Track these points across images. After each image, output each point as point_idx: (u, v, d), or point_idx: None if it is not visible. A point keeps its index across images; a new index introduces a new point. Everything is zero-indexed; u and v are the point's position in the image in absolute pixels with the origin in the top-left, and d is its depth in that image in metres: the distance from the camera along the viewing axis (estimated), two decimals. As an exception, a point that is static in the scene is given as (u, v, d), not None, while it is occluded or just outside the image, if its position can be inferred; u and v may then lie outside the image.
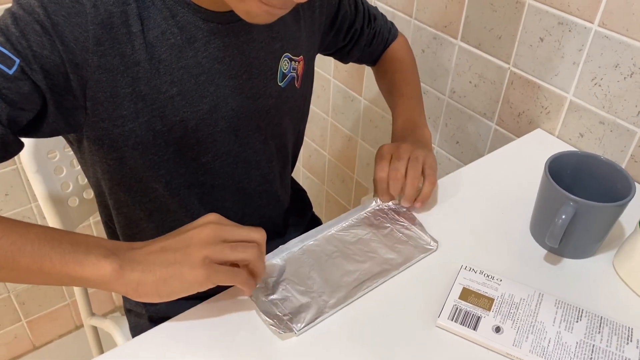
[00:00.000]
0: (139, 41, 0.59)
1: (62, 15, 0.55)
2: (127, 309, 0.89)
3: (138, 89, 0.61)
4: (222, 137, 0.69)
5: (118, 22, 0.58)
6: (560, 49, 0.84)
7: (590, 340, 0.57)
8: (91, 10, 0.56)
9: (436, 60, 1.06)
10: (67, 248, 0.53)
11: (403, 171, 0.72)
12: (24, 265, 0.52)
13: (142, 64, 0.60)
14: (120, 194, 0.71)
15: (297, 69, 0.75)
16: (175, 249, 0.54)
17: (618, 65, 0.78)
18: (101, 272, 0.53)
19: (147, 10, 0.59)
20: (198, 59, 0.63)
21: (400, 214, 0.72)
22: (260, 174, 0.77)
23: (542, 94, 0.90)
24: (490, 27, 0.93)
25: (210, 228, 0.55)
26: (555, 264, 0.68)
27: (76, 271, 0.53)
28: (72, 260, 0.52)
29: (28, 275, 0.53)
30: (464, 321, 0.59)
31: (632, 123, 0.79)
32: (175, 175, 0.69)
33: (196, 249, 0.54)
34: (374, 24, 0.89)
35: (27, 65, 0.54)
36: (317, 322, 0.59)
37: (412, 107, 0.86)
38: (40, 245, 0.52)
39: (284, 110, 0.76)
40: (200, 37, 0.63)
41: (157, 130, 0.64)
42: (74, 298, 1.48)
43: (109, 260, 0.53)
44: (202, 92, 0.65)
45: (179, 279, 0.53)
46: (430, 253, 0.67)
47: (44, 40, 0.55)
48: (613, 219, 0.65)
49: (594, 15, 0.78)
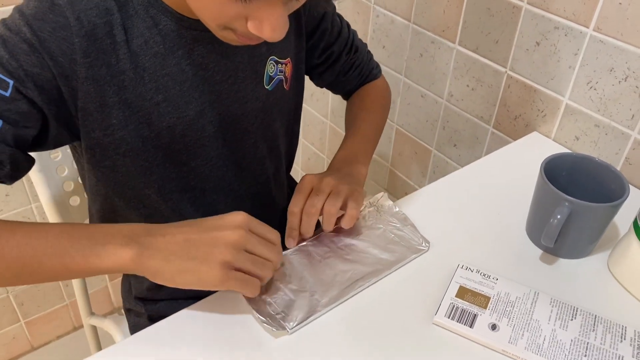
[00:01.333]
0: (123, 50, 0.60)
1: (47, 31, 0.56)
2: (126, 309, 0.89)
3: (125, 97, 0.62)
4: (210, 141, 0.70)
5: (102, 33, 0.59)
6: (556, 53, 0.85)
7: (584, 338, 0.58)
8: (75, 23, 0.57)
9: (434, 63, 1.07)
10: (85, 244, 0.54)
11: (319, 207, 0.67)
12: (50, 267, 0.54)
13: (127, 73, 0.61)
14: (114, 200, 0.72)
15: (285, 71, 0.76)
16: (199, 245, 0.55)
17: (613, 69, 0.79)
18: (120, 262, 0.54)
19: (131, 20, 0.60)
20: (181, 67, 0.64)
21: (392, 214, 0.73)
22: (252, 175, 0.78)
23: (538, 97, 0.91)
24: (488, 31, 0.94)
25: (238, 235, 0.56)
26: (551, 264, 0.69)
27: (97, 264, 0.54)
28: (91, 254, 0.54)
29: (55, 275, 0.55)
30: (460, 319, 0.60)
31: (627, 126, 0.81)
32: (167, 180, 0.70)
33: (219, 253, 0.55)
34: (354, 56, 0.87)
35: (21, 84, 0.56)
36: (309, 321, 0.60)
37: (360, 144, 0.82)
38: (61, 245, 0.54)
39: (274, 113, 0.77)
40: (183, 45, 0.63)
41: (145, 136, 0.65)
42: (73, 299, 1.49)
43: (127, 248, 0.54)
44: (187, 98, 0.66)
45: (195, 275, 0.55)
46: (422, 253, 0.68)
47: (32, 59, 0.56)
48: (607, 219, 0.67)
49: (589, 20, 0.80)
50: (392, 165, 1.31)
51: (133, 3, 0.60)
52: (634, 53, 0.76)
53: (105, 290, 1.55)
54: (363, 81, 0.90)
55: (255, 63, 0.71)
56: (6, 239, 0.53)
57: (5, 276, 0.54)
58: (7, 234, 0.54)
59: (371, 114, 0.87)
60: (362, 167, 0.77)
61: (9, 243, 0.53)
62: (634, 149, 0.81)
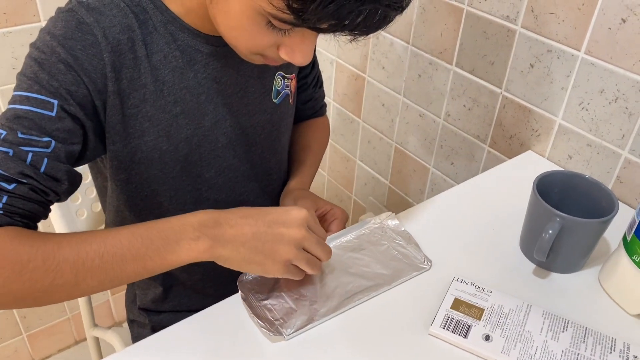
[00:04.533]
0: (144, 65, 0.64)
1: (78, 49, 0.59)
2: (130, 320, 0.91)
3: (144, 109, 0.65)
4: (223, 152, 0.73)
5: (125, 48, 0.62)
6: (550, 74, 0.89)
7: (575, 349, 0.60)
8: (102, 40, 0.60)
9: (432, 84, 1.11)
10: (160, 243, 0.57)
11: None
12: (131, 270, 0.56)
13: (148, 86, 0.64)
14: (125, 213, 0.75)
15: (290, 86, 0.80)
16: (265, 240, 0.59)
17: (603, 90, 0.82)
18: (195, 254, 0.57)
19: (150, 36, 0.64)
20: (198, 80, 0.67)
21: (398, 233, 0.75)
22: (259, 186, 0.81)
23: (532, 117, 0.94)
24: (484, 53, 0.98)
25: (301, 234, 0.60)
26: (544, 278, 0.71)
27: (174, 259, 0.57)
28: (167, 252, 0.57)
29: (136, 276, 0.57)
30: (455, 329, 0.62)
31: (617, 146, 0.83)
32: (181, 192, 0.73)
33: (284, 250, 0.59)
34: (317, 90, 0.93)
35: (64, 103, 0.59)
36: (306, 329, 0.62)
37: (312, 172, 0.91)
38: (137, 249, 0.56)
39: (282, 127, 0.80)
40: (200, 59, 0.67)
41: (163, 150, 0.68)
42: (75, 312, 1.50)
43: (200, 242, 0.57)
44: (203, 110, 0.69)
45: (260, 267, 0.60)
46: (423, 272, 0.70)
47: (69, 77, 0.59)
48: (597, 234, 0.69)
49: (580, 43, 0.83)
50: (391, 183, 1.33)
51: (152, 20, 0.63)
52: (624, 75, 0.79)
53: (107, 304, 1.56)
54: (312, 114, 0.95)
55: (264, 77, 0.74)
56: (85, 250, 0.54)
57: (91, 285, 0.55)
58: (84, 245, 0.55)
59: (322, 147, 0.95)
60: None
61: (89, 255, 0.54)
62: (625, 167, 0.83)
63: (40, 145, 0.57)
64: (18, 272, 0.52)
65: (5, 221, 0.54)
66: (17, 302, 0.54)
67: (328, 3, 0.48)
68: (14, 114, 0.57)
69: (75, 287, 0.54)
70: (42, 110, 0.57)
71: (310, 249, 0.62)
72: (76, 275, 0.54)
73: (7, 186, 0.54)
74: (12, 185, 0.54)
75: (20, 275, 0.52)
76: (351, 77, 1.32)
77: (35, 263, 0.52)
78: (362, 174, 1.43)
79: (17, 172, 0.55)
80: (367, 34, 0.54)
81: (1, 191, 0.54)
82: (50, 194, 0.58)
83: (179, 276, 0.83)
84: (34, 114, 0.57)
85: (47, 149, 0.57)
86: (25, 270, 0.52)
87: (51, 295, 0.54)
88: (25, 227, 0.56)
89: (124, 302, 0.92)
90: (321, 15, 0.49)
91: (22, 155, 0.55)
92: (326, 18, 0.50)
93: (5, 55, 1.10)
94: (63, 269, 0.53)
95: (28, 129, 0.56)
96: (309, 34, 0.56)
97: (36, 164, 0.56)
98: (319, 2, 0.47)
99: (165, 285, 0.84)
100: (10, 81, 1.13)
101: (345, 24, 0.51)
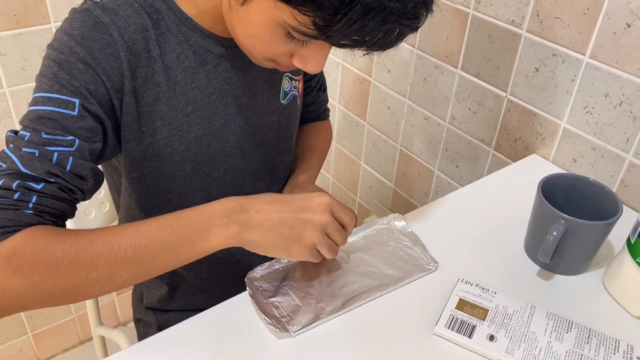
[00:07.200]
0: (158, 64, 0.65)
1: (96, 49, 0.60)
2: (136, 319, 0.92)
3: (157, 108, 0.66)
4: (231, 152, 0.74)
5: (140, 47, 0.63)
6: (555, 78, 0.89)
7: (579, 350, 0.61)
8: (119, 39, 0.61)
9: (437, 88, 1.11)
10: (189, 232, 0.58)
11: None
12: (163, 260, 0.57)
13: (162, 86, 0.65)
14: (135, 211, 0.76)
15: (298, 87, 0.81)
16: (292, 226, 0.60)
17: (608, 94, 0.83)
18: (224, 241, 0.58)
19: (164, 36, 0.65)
20: (209, 80, 0.69)
21: (405, 234, 0.76)
22: (265, 186, 0.82)
23: (537, 121, 0.94)
24: (489, 57, 0.98)
25: (325, 220, 0.62)
26: (548, 280, 0.71)
27: (205, 247, 0.58)
28: (198, 240, 0.58)
29: (168, 266, 0.58)
30: (460, 329, 0.62)
31: (622, 149, 0.84)
32: (191, 191, 0.74)
33: (309, 235, 0.61)
34: (321, 94, 0.95)
35: (85, 101, 0.59)
36: (312, 327, 0.63)
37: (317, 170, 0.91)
38: (167, 239, 0.57)
39: (290, 128, 0.81)
40: (211, 60, 0.68)
41: (174, 148, 0.69)
42: (80, 312, 1.51)
43: (229, 228, 0.58)
44: (214, 109, 0.70)
45: (287, 251, 0.61)
46: (429, 273, 0.71)
47: (88, 76, 0.60)
48: (601, 237, 0.69)
49: (585, 47, 0.83)
50: (396, 185, 1.34)
51: (165, 21, 0.64)
52: (628, 79, 0.80)
53: (111, 305, 1.57)
54: (315, 117, 0.97)
55: (273, 79, 0.76)
56: (117, 243, 0.55)
57: (125, 277, 0.56)
58: (115, 238, 0.55)
59: (325, 149, 0.96)
60: None
61: (122, 247, 0.55)
62: (629, 171, 0.84)
63: (64, 144, 0.57)
64: (53, 269, 0.52)
65: (36, 220, 0.54)
66: (53, 299, 0.55)
67: (353, 22, 0.49)
68: (36, 115, 0.57)
69: (110, 280, 0.55)
70: (64, 110, 0.58)
71: (331, 235, 0.63)
72: (110, 268, 0.54)
73: (35, 186, 0.55)
74: (41, 184, 0.55)
75: (56, 272, 0.52)
76: (357, 80, 1.33)
77: (69, 259, 0.53)
78: (367, 176, 1.43)
79: (44, 172, 0.55)
80: (383, 50, 0.55)
81: (30, 191, 0.55)
82: (76, 192, 0.59)
83: (185, 276, 0.84)
84: (56, 114, 0.57)
85: (71, 148, 0.58)
86: (60, 267, 0.52)
87: (86, 290, 0.55)
88: (54, 225, 0.56)
89: (130, 302, 0.93)
90: (345, 33, 0.51)
91: (47, 155, 0.56)
92: (349, 35, 0.51)
93: (16, 57, 1.12)
94: (97, 263, 0.54)
95: (52, 129, 0.57)
96: (326, 46, 0.58)
97: (62, 162, 0.57)
98: (345, 21, 0.49)
99: (172, 284, 0.85)
100: (21, 82, 1.15)
101: (365, 40, 0.52)
